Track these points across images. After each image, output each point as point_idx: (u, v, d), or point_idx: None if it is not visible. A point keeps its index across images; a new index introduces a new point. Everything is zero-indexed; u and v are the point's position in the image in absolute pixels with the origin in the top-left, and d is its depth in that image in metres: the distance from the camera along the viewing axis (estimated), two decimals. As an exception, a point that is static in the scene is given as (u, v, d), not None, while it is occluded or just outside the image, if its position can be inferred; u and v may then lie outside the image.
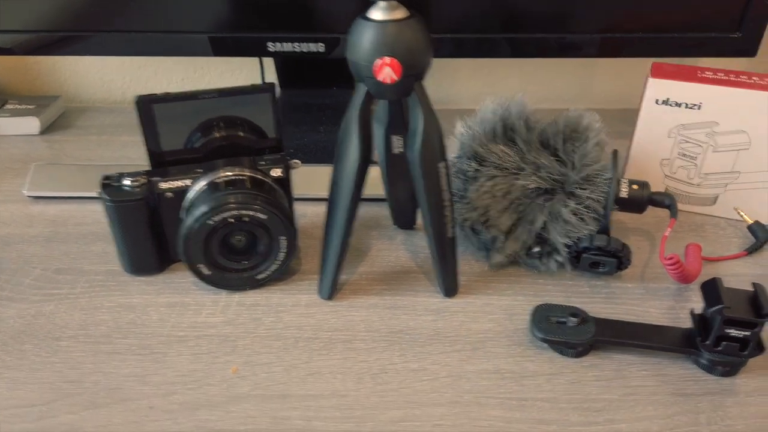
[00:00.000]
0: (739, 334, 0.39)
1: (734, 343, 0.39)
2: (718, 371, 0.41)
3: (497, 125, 0.50)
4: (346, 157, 0.42)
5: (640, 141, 0.58)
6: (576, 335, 0.42)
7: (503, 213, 0.49)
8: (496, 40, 0.62)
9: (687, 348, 0.42)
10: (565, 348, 0.43)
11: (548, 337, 0.42)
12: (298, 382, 0.41)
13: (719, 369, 0.41)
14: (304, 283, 0.50)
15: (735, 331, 0.39)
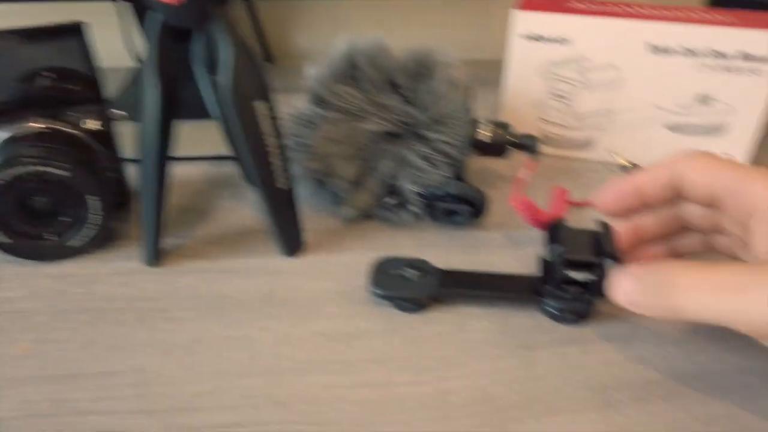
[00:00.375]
0: (583, 277, 0.35)
1: (579, 288, 0.36)
2: (567, 319, 0.37)
3: (342, 64, 0.45)
4: (146, 101, 0.37)
5: (511, 81, 0.53)
6: (416, 289, 0.38)
7: (348, 161, 0.44)
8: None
9: (533, 295, 0.38)
10: (405, 303, 0.38)
11: (386, 293, 0.38)
12: (94, 359, 0.36)
13: (568, 317, 0.37)
14: (129, 251, 0.44)
15: (577, 273, 0.35)
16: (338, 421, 0.32)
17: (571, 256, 0.35)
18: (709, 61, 0.47)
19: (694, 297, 0.28)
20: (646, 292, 0.30)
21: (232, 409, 0.33)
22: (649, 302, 0.30)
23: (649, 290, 0.30)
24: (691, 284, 0.28)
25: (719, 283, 0.28)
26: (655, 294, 0.30)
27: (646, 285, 0.30)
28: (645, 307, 0.30)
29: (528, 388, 0.34)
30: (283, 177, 0.41)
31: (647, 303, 0.30)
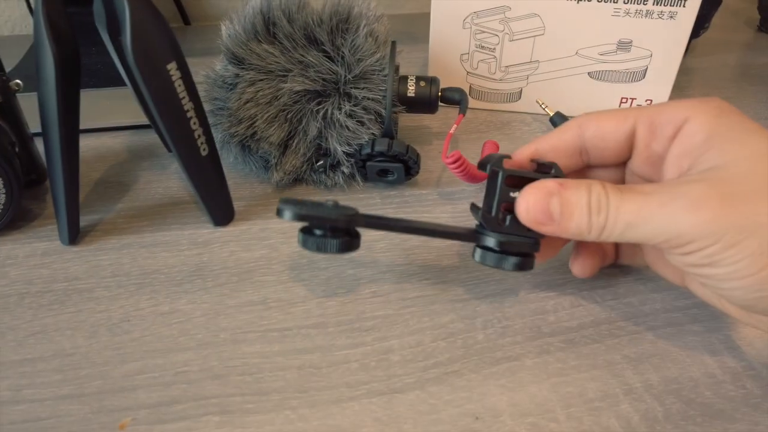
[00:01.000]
0: None
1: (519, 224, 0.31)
2: (509, 263, 0.32)
3: (257, 20, 0.43)
4: (41, 67, 0.34)
5: (436, 35, 0.52)
6: (333, 212, 0.30)
7: (272, 123, 0.42)
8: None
9: (471, 236, 0.33)
10: (322, 235, 0.30)
11: (302, 212, 0.29)
12: (14, 346, 0.34)
13: (510, 261, 0.31)
14: (45, 230, 0.42)
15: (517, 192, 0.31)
16: (280, 390, 0.31)
17: (515, 171, 0.31)
18: (627, 6, 0.48)
19: (630, 210, 0.27)
20: (574, 206, 0.28)
21: (167, 386, 0.32)
22: (577, 219, 0.28)
23: (579, 206, 0.28)
24: (626, 199, 0.27)
25: (649, 200, 0.27)
26: (585, 210, 0.28)
27: (578, 199, 0.28)
28: (570, 223, 0.28)
29: (467, 342, 0.34)
30: (205, 144, 0.39)
31: (576, 219, 0.28)
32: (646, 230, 0.26)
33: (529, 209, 0.29)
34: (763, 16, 0.70)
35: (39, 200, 0.44)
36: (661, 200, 0.26)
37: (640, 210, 0.26)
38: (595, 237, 0.28)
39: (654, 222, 0.26)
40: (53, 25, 0.34)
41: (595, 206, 0.27)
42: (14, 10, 0.70)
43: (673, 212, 0.26)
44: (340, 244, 0.30)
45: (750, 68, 0.64)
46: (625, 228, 0.27)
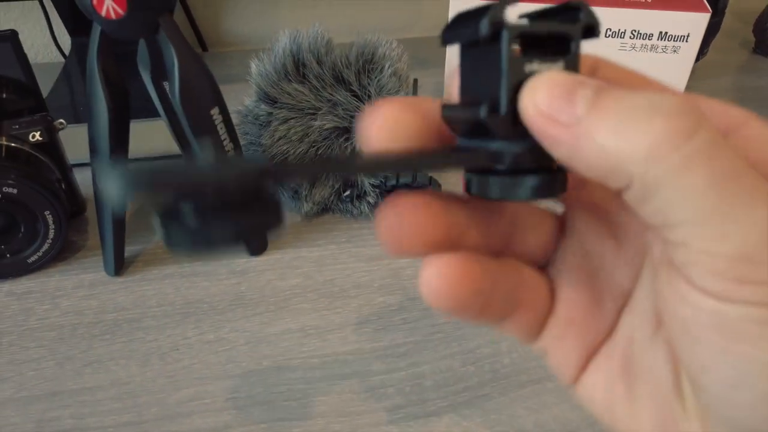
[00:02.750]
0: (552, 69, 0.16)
1: None
2: (527, 188, 0.17)
3: (287, 62, 0.45)
4: (95, 111, 0.36)
5: (453, 66, 0.55)
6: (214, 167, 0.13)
7: (303, 158, 0.45)
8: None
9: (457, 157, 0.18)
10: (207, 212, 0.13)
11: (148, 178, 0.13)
12: (73, 375, 0.36)
13: (528, 183, 0.17)
14: (90, 261, 0.44)
15: (540, 65, 0.16)
16: (323, 414, 0.34)
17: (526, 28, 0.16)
18: (633, 41, 0.51)
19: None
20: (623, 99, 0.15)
21: (219, 412, 0.34)
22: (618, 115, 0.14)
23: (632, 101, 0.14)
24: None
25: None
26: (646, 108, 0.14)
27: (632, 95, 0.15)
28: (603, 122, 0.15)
29: (494, 366, 0.37)
30: (243, 180, 0.41)
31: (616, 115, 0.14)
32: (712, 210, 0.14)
33: (539, 90, 0.15)
34: (758, 38, 0.74)
35: (81, 231, 0.47)
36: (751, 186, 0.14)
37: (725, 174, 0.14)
38: (636, 164, 0.14)
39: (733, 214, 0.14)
40: (106, 72, 0.36)
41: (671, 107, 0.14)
42: (37, 38, 0.73)
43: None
44: (237, 226, 0.14)
45: (747, 91, 0.67)
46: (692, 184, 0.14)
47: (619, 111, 0.14)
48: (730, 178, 0.14)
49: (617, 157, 0.14)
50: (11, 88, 0.44)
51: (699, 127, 0.14)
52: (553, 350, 0.21)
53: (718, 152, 0.14)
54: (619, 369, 0.19)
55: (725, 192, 0.14)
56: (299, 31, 0.47)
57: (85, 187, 0.49)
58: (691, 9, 0.49)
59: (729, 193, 0.14)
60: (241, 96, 0.51)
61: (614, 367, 0.20)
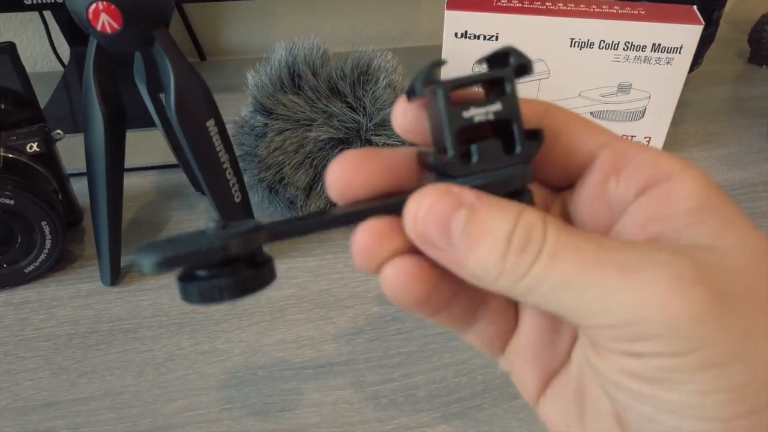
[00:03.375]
0: (489, 113, 0.18)
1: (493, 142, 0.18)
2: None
3: (283, 73, 0.46)
4: (90, 122, 0.37)
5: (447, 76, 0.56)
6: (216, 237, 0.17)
7: (299, 169, 0.45)
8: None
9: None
10: (214, 273, 0.17)
11: (169, 255, 0.17)
12: (68, 385, 0.36)
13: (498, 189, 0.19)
14: (86, 271, 0.44)
15: (477, 110, 0.18)
16: (317, 425, 0.34)
17: (458, 81, 0.18)
18: (626, 53, 0.51)
19: (574, 263, 0.16)
20: (488, 232, 0.17)
21: (213, 422, 0.34)
22: (485, 252, 0.17)
23: (494, 233, 0.17)
24: (573, 245, 0.17)
25: (608, 257, 0.16)
26: (502, 242, 0.17)
27: (497, 223, 0.17)
28: (474, 254, 0.17)
29: (486, 377, 0.37)
30: (238, 192, 0.42)
31: (484, 252, 0.17)
32: (588, 300, 0.16)
33: (419, 214, 0.17)
34: (753, 48, 0.74)
35: (77, 241, 0.47)
36: (629, 263, 0.16)
37: (591, 268, 0.16)
38: (503, 288, 0.17)
39: (608, 291, 0.16)
40: (102, 84, 0.36)
41: (519, 241, 0.17)
42: (36, 47, 0.73)
43: (645, 286, 0.16)
44: (234, 284, 0.17)
45: (742, 101, 0.67)
46: (556, 287, 0.16)
47: (483, 243, 0.17)
48: (591, 265, 0.16)
49: (485, 281, 0.17)
50: (9, 99, 0.44)
51: (543, 241, 0.17)
52: (515, 370, 0.22)
53: (568, 252, 0.17)
54: (572, 395, 0.20)
55: (590, 277, 0.16)
56: (295, 43, 0.47)
57: (81, 197, 0.49)
58: (684, 21, 0.49)
59: (594, 276, 0.16)
60: (239, 105, 0.51)
61: (569, 393, 0.20)
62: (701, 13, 0.51)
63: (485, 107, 0.18)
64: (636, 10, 0.51)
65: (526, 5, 0.52)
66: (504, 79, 0.18)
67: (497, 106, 0.18)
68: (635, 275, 0.16)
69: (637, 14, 0.51)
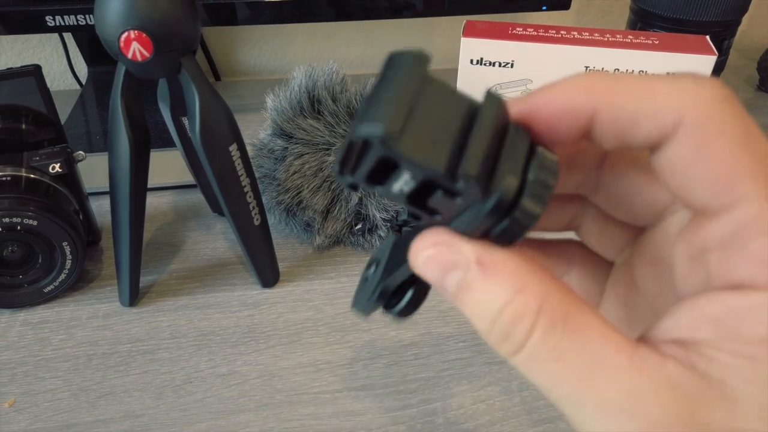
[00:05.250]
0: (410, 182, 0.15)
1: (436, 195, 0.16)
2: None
3: (303, 98, 0.46)
4: (116, 147, 0.37)
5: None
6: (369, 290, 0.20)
7: (317, 192, 0.46)
8: (316, 2, 0.58)
9: None
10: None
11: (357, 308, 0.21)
12: (87, 407, 0.37)
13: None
14: (104, 291, 0.45)
15: (397, 183, 0.15)
16: (335, 451, 0.34)
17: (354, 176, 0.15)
18: (641, 81, 0.52)
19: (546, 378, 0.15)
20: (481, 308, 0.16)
21: (232, 447, 0.34)
22: (480, 325, 0.16)
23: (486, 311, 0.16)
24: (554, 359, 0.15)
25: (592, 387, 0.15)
26: (488, 321, 0.16)
27: (492, 300, 0.15)
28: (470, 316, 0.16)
29: (504, 404, 0.37)
30: (258, 214, 0.42)
31: (479, 324, 0.16)
32: (569, 408, 0.15)
33: (419, 262, 0.16)
34: (762, 75, 0.75)
35: (95, 261, 0.47)
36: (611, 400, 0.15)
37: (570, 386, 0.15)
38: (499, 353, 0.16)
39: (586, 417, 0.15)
40: (129, 109, 0.37)
41: (501, 330, 0.15)
42: (54, 66, 0.74)
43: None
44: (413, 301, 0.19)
45: (751, 128, 0.68)
46: (537, 383, 0.16)
47: (471, 311, 0.16)
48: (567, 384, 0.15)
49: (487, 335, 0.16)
50: (31, 119, 0.44)
51: (524, 343, 0.15)
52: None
53: (545, 362, 0.15)
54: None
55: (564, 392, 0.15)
56: (314, 68, 0.48)
57: (99, 216, 0.50)
58: (697, 51, 0.50)
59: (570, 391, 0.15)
60: (254, 126, 0.52)
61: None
62: (712, 41, 0.52)
63: (401, 179, 0.15)
64: (650, 40, 0.52)
65: (541, 33, 0.53)
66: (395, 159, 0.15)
67: (407, 175, 0.15)
68: (611, 414, 0.15)
69: (651, 44, 0.51)
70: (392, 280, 0.19)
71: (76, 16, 0.53)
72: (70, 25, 0.53)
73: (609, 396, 0.14)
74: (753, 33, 0.86)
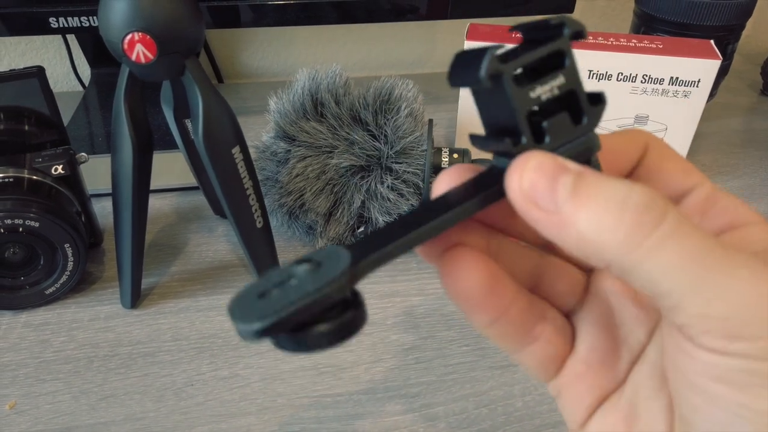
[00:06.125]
0: (554, 87, 0.17)
1: (561, 115, 0.18)
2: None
3: (306, 101, 0.46)
4: (119, 148, 0.37)
5: (466, 108, 0.56)
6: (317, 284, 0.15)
7: (319, 195, 0.45)
8: (319, 5, 0.58)
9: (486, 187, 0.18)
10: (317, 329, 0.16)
11: (277, 318, 0.15)
12: (88, 409, 0.36)
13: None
14: (106, 293, 0.45)
15: (542, 88, 0.17)
16: (337, 455, 0.34)
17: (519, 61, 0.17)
18: (644, 85, 0.52)
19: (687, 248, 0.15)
20: (600, 190, 0.16)
21: (233, 450, 0.34)
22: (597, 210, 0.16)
23: (606, 193, 0.16)
24: (692, 229, 0.16)
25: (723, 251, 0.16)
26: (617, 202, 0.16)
27: (608, 185, 0.16)
28: (582, 212, 0.16)
29: (507, 409, 0.37)
30: (260, 217, 0.42)
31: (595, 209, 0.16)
32: (696, 287, 0.15)
33: (525, 175, 0.17)
34: (766, 80, 0.74)
35: (97, 263, 0.47)
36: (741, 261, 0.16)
37: (708, 255, 0.15)
38: (609, 257, 0.16)
39: (719, 283, 0.15)
40: (132, 111, 0.37)
41: (639, 203, 0.16)
42: (57, 68, 0.74)
43: (755, 286, 0.15)
44: (336, 331, 0.16)
45: (756, 133, 0.67)
46: (667, 266, 0.15)
47: (596, 203, 0.16)
48: (705, 251, 0.15)
49: (594, 245, 0.16)
50: (34, 120, 0.44)
51: (665, 214, 0.16)
52: (567, 391, 0.22)
53: (686, 232, 0.16)
54: (623, 415, 0.20)
55: (703, 264, 0.15)
56: (317, 71, 0.48)
57: (101, 218, 0.49)
58: (702, 56, 0.50)
59: (706, 264, 0.15)
60: (257, 129, 0.52)
61: (619, 417, 0.21)
62: (716, 46, 0.52)
63: (549, 84, 0.17)
64: (654, 44, 0.52)
65: (544, 37, 0.53)
66: (563, 51, 0.17)
67: (560, 79, 0.17)
68: (747, 274, 0.15)
69: (655, 48, 0.51)
70: (336, 291, 0.16)
71: (80, 17, 0.53)
72: (74, 27, 0.53)
73: (742, 259, 0.16)
74: (757, 38, 0.86)
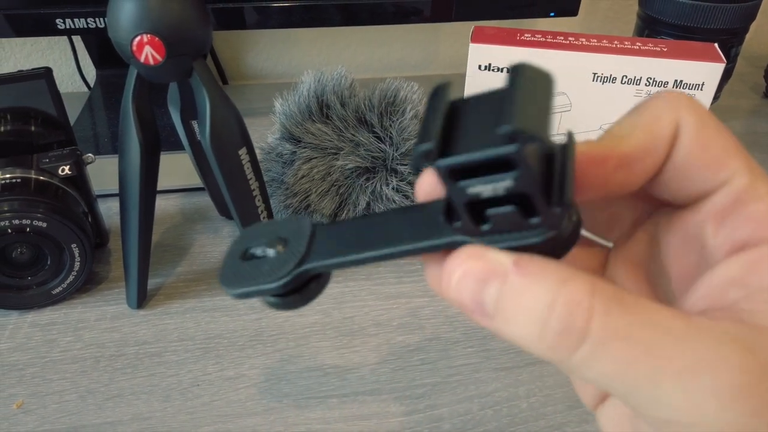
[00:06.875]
0: (498, 189, 0.15)
1: (507, 209, 0.16)
2: None
3: (312, 102, 0.46)
4: (127, 149, 0.37)
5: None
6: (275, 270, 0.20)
7: (324, 197, 0.46)
8: (324, 7, 0.59)
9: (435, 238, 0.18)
10: (270, 298, 0.21)
11: (238, 291, 0.20)
12: (95, 409, 0.37)
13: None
14: (112, 293, 0.45)
15: (483, 186, 0.15)
16: (343, 455, 0.34)
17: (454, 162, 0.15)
18: (648, 88, 0.52)
19: (618, 362, 0.15)
20: (523, 308, 0.15)
21: (239, 450, 0.34)
22: (522, 328, 0.16)
23: (531, 310, 0.15)
24: (622, 338, 0.15)
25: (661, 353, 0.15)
26: (538, 319, 0.15)
27: (534, 299, 0.15)
28: (510, 329, 0.16)
29: (512, 410, 0.37)
30: (265, 217, 0.42)
31: (520, 328, 0.16)
32: (639, 393, 0.15)
33: (452, 285, 0.17)
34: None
35: (103, 263, 0.47)
36: (685, 364, 0.15)
37: (643, 362, 0.15)
38: (553, 358, 0.16)
39: (661, 391, 0.15)
40: (140, 112, 0.37)
41: (558, 321, 0.15)
42: (62, 69, 0.75)
43: (701, 393, 0.15)
44: (280, 305, 0.21)
45: (759, 136, 0.68)
46: (603, 376, 0.15)
47: (518, 320, 0.16)
48: (640, 356, 0.15)
49: (529, 350, 0.16)
50: (41, 121, 0.45)
51: (589, 321, 0.15)
52: None
53: (619, 334, 0.15)
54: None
55: (636, 372, 0.15)
56: (323, 73, 0.48)
57: (108, 218, 0.50)
58: (706, 59, 0.50)
59: (639, 373, 0.15)
60: (262, 130, 0.52)
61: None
62: (720, 49, 0.52)
63: (491, 184, 0.15)
64: (658, 47, 0.52)
65: (549, 40, 0.53)
66: (512, 158, 0.14)
67: (507, 182, 0.15)
68: (691, 380, 0.14)
69: (659, 51, 0.51)
70: (316, 266, 0.19)
71: (87, 19, 0.53)
72: (81, 28, 0.53)
73: (684, 362, 0.15)
74: (760, 41, 0.86)
